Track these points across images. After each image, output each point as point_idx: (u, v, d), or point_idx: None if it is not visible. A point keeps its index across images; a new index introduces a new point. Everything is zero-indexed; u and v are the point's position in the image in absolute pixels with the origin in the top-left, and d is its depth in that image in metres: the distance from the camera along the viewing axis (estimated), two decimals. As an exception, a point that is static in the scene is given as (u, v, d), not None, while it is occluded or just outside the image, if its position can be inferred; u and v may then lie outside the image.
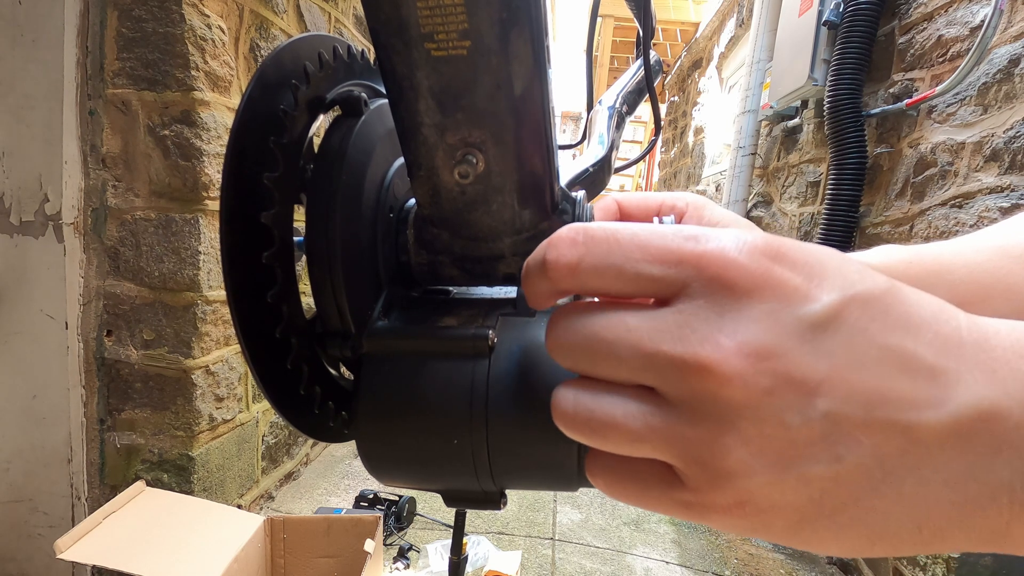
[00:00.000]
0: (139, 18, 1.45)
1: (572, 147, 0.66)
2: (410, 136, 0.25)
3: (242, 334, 0.25)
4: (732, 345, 0.16)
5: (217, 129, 1.57)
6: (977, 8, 1.57)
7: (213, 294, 1.63)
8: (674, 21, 6.57)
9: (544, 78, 0.23)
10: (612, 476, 0.19)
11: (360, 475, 2.29)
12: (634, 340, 0.17)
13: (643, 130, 9.65)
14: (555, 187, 0.28)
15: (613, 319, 0.18)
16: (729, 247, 0.17)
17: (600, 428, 0.18)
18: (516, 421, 0.24)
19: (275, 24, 1.84)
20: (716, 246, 0.17)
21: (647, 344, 0.17)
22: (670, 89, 6.37)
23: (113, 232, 1.54)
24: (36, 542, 1.61)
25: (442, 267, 0.30)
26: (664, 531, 2.12)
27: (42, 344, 1.52)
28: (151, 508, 1.28)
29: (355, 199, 0.28)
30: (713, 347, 0.16)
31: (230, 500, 1.82)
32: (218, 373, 1.71)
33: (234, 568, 1.22)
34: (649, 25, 0.59)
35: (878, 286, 0.17)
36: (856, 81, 1.97)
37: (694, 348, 0.16)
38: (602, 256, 0.18)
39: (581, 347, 0.18)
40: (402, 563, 1.74)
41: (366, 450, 0.26)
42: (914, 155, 1.80)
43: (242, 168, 0.25)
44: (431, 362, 0.25)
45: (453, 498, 0.28)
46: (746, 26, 3.54)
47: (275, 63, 0.27)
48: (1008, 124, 1.44)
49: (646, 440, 0.17)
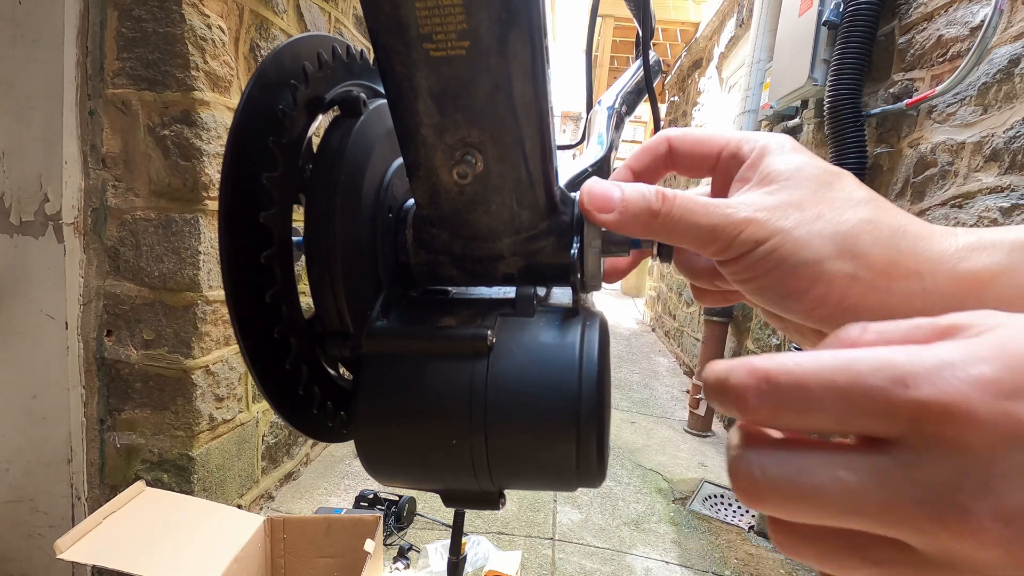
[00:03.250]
0: (139, 18, 1.45)
1: (571, 147, 0.66)
2: (409, 136, 0.25)
3: (241, 334, 0.25)
4: (988, 513, 0.14)
5: (217, 129, 1.57)
6: (977, 8, 1.57)
7: (213, 294, 1.63)
8: (674, 21, 6.57)
9: (543, 78, 0.23)
10: None
11: (360, 475, 2.29)
12: (857, 501, 0.15)
13: (643, 130, 9.64)
14: (554, 187, 0.28)
15: (825, 472, 0.15)
16: (955, 391, 0.14)
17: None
18: (515, 421, 0.24)
19: (275, 24, 1.84)
20: (937, 393, 0.14)
21: (875, 506, 0.15)
22: (670, 89, 6.37)
23: (113, 232, 1.54)
24: (36, 542, 1.61)
25: (441, 267, 0.30)
26: (664, 531, 2.12)
27: (42, 344, 1.52)
28: (151, 508, 1.28)
29: (354, 199, 0.28)
30: (964, 513, 0.14)
31: (230, 500, 1.82)
32: (218, 373, 1.71)
33: (234, 568, 1.22)
34: (649, 25, 0.59)
35: None
36: (856, 81, 1.97)
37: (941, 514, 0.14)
38: (796, 410, 0.16)
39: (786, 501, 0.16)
40: (402, 563, 1.74)
41: (365, 450, 0.26)
42: (914, 155, 1.80)
43: (241, 168, 0.25)
44: (430, 362, 0.25)
45: (452, 498, 0.28)
46: (746, 26, 3.54)
47: (274, 63, 0.27)
48: (1008, 124, 1.44)
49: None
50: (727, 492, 2.46)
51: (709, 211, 0.24)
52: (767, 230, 0.23)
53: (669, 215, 0.24)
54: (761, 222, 0.23)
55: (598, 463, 0.24)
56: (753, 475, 0.16)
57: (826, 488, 0.15)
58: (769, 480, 0.16)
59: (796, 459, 0.16)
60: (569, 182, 0.39)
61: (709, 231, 0.24)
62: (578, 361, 0.24)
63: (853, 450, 0.16)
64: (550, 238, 0.29)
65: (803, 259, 0.22)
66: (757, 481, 0.16)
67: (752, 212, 0.23)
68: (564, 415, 0.24)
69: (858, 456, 0.15)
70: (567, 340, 0.25)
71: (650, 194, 0.25)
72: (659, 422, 3.28)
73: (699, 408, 3.11)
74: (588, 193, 0.26)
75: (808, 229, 0.23)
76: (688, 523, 2.19)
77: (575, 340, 0.25)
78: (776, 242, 0.22)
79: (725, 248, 0.23)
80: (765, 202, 0.24)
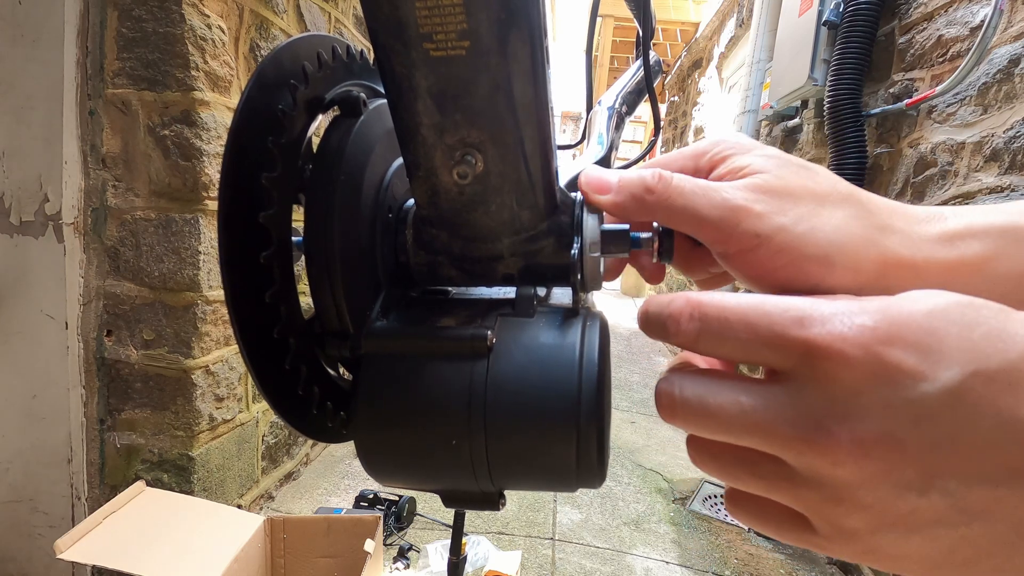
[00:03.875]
0: (139, 18, 1.45)
1: (572, 147, 0.66)
2: (409, 136, 0.25)
3: (240, 334, 0.25)
4: (846, 436, 0.16)
5: (217, 129, 1.57)
6: (977, 8, 1.57)
7: (213, 294, 1.63)
8: (674, 21, 6.58)
9: (543, 78, 0.23)
10: (751, 517, 0.21)
11: (360, 475, 2.29)
12: (748, 421, 0.18)
13: (643, 130, 9.64)
14: (554, 188, 0.28)
15: (727, 395, 0.19)
16: (837, 334, 0.17)
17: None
18: (515, 422, 0.24)
19: (275, 24, 1.84)
20: (822, 333, 0.17)
21: (761, 426, 0.18)
22: (670, 89, 6.37)
23: (113, 232, 1.54)
24: (36, 542, 1.61)
25: (441, 267, 0.30)
26: (664, 531, 2.12)
27: (42, 344, 1.51)
28: (151, 508, 1.28)
29: (354, 199, 0.28)
30: (826, 435, 0.16)
31: (230, 500, 1.82)
32: (218, 373, 1.71)
33: (234, 568, 1.22)
34: (649, 25, 0.59)
35: (1009, 355, 0.15)
36: (856, 81, 1.97)
37: (807, 434, 0.17)
38: (716, 335, 0.19)
39: (694, 416, 0.19)
40: (402, 563, 1.74)
41: (365, 451, 0.26)
42: (914, 155, 1.80)
43: (241, 168, 0.25)
44: (430, 362, 0.25)
45: (452, 498, 0.28)
46: (746, 26, 3.54)
47: (274, 63, 0.27)
48: (1008, 124, 1.44)
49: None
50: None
51: (708, 193, 0.23)
52: (767, 225, 0.22)
53: (666, 192, 0.24)
54: (759, 214, 0.22)
55: (598, 463, 0.24)
56: (672, 393, 0.20)
57: (724, 408, 0.18)
58: (682, 398, 0.20)
59: (708, 383, 0.19)
60: (569, 182, 0.39)
61: (706, 214, 0.23)
62: (578, 361, 0.24)
63: (757, 381, 0.19)
64: (550, 238, 0.29)
65: (808, 255, 0.22)
66: (674, 398, 0.20)
67: (746, 202, 0.23)
68: (564, 416, 0.24)
69: (758, 386, 0.19)
70: (567, 340, 0.25)
71: (646, 173, 0.25)
72: (659, 422, 3.27)
73: (699, 408, 3.10)
74: (585, 176, 0.26)
75: (810, 224, 0.22)
76: (688, 523, 2.19)
77: (575, 340, 0.25)
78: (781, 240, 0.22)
79: (725, 238, 0.23)
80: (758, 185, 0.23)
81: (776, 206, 0.23)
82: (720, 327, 0.19)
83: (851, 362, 0.16)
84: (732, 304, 0.19)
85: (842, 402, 0.16)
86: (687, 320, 0.20)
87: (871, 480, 0.16)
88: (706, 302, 0.19)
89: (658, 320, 0.21)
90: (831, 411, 0.17)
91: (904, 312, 0.17)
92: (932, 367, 0.16)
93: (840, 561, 1.98)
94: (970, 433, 0.15)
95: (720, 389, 0.19)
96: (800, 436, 0.17)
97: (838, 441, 0.16)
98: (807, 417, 0.17)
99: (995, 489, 0.15)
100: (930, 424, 0.16)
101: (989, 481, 0.15)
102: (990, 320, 0.16)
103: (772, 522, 0.20)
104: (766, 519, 0.20)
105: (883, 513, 0.17)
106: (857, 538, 0.17)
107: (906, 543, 0.17)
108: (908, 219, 0.23)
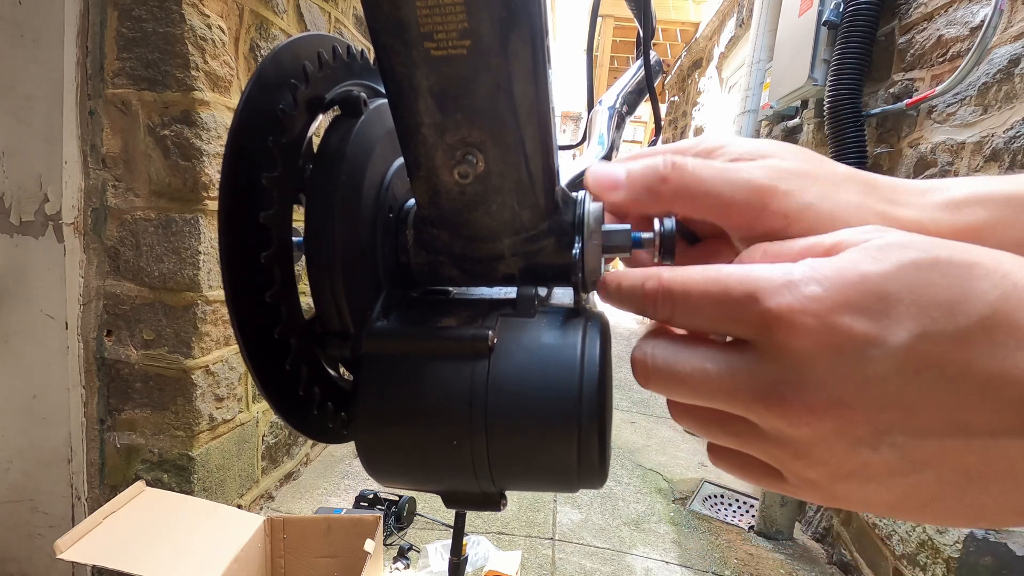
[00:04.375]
0: (139, 18, 1.45)
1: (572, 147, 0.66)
2: (409, 136, 0.25)
3: (241, 335, 0.25)
4: (799, 402, 0.17)
5: (217, 129, 1.57)
6: (977, 8, 1.57)
7: (213, 294, 1.63)
8: (674, 21, 6.58)
9: (544, 78, 0.23)
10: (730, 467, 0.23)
11: (360, 475, 2.29)
12: (713, 387, 0.19)
13: (643, 130, 9.64)
14: (555, 187, 0.28)
15: (695, 362, 0.20)
16: (787, 305, 0.17)
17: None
18: (516, 422, 0.24)
19: (275, 24, 1.84)
20: (774, 306, 0.17)
21: (726, 391, 0.19)
22: (670, 89, 6.37)
23: (113, 232, 1.54)
24: (36, 542, 1.61)
25: (441, 267, 0.30)
26: (664, 531, 2.12)
27: (42, 344, 1.51)
28: (151, 508, 1.28)
29: (354, 199, 0.28)
30: (781, 401, 0.18)
31: (230, 500, 1.82)
32: (218, 373, 1.71)
33: (234, 568, 1.22)
34: (649, 25, 0.59)
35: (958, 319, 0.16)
36: (856, 81, 1.97)
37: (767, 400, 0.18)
38: (685, 312, 0.20)
39: (665, 383, 0.21)
40: (402, 563, 1.74)
41: (365, 451, 0.26)
42: (914, 155, 1.80)
43: (241, 168, 0.25)
44: (431, 363, 0.25)
45: (452, 499, 0.28)
46: (746, 26, 3.54)
47: (274, 63, 0.27)
48: (1008, 124, 1.44)
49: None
50: (727, 492, 2.46)
51: (728, 175, 0.22)
52: (796, 203, 0.22)
53: (681, 180, 0.23)
54: (786, 192, 0.22)
55: (599, 464, 0.24)
56: (645, 360, 0.21)
57: (692, 376, 0.20)
58: (654, 366, 0.21)
59: (678, 351, 0.20)
60: (570, 182, 0.39)
61: (730, 196, 0.22)
62: (579, 362, 0.24)
63: (722, 347, 0.20)
64: (551, 238, 0.28)
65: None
66: (646, 365, 0.21)
67: (770, 180, 0.22)
68: (565, 416, 0.24)
69: (723, 352, 0.19)
70: (568, 341, 0.25)
71: (656, 161, 0.24)
72: (659, 422, 3.28)
73: (699, 408, 3.11)
74: (592, 175, 0.26)
75: (834, 201, 0.22)
76: (688, 523, 2.19)
77: (576, 341, 0.25)
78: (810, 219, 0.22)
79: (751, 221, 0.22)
80: (775, 165, 0.23)
81: (799, 184, 0.22)
82: (687, 305, 0.20)
83: (803, 332, 0.17)
84: (695, 280, 0.20)
85: (796, 370, 0.17)
86: (661, 301, 0.21)
87: (825, 439, 0.17)
88: (672, 283, 0.20)
89: (632, 299, 0.22)
90: (786, 379, 0.18)
91: (859, 274, 0.17)
92: (881, 330, 0.16)
93: (840, 560, 1.98)
94: (915, 392, 0.16)
95: (688, 357, 0.20)
96: (760, 401, 0.18)
97: (792, 406, 0.17)
98: (766, 383, 0.18)
99: (941, 441, 0.16)
100: (879, 385, 0.16)
101: (935, 434, 0.16)
102: (949, 280, 0.16)
103: (749, 471, 0.22)
104: (744, 469, 0.22)
105: (839, 466, 0.18)
106: (819, 487, 0.19)
107: (863, 490, 0.18)
108: (912, 191, 0.24)
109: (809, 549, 2.09)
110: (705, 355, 0.20)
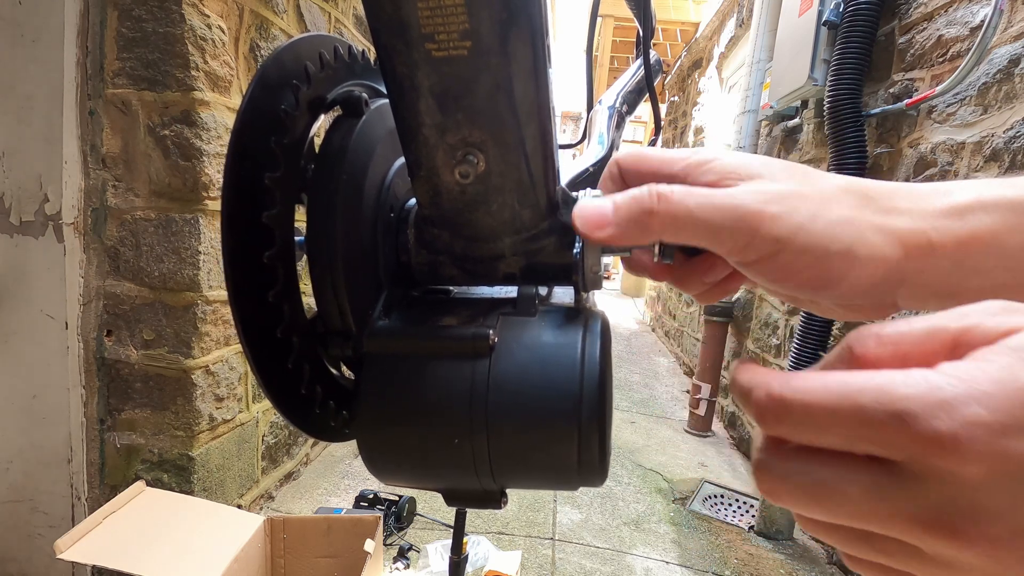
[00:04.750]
0: (139, 18, 1.45)
1: (572, 147, 0.66)
2: (411, 136, 0.25)
3: (243, 334, 0.25)
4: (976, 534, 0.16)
5: (217, 129, 1.57)
6: (977, 8, 1.57)
7: (213, 294, 1.63)
8: (674, 21, 6.57)
9: (544, 78, 0.23)
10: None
11: (360, 475, 2.29)
12: (864, 510, 0.17)
13: (643, 130, 9.64)
14: (555, 187, 0.28)
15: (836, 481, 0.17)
16: (950, 432, 0.15)
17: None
18: (517, 421, 0.24)
19: (275, 24, 1.84)
20: (936, 432, 0.15)
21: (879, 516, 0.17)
22: (670, 89, 6.37)
23: (113, 232, 1.54)
24: (36, 542, 1.61)
25: (442, 267, 0.30)
26: (664, 531, 2.12)
27: (42, 344, 1.51)
28: (151, 508, 1.28)
29: (356, 199, 0.28)
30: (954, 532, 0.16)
31: (230, 500, 1.82)
32: (218, 373, 1.71)
33: (234, 568, 1.22)
34: (649, 25, 0.59)
35: None
36: (856, 81, 1.97)
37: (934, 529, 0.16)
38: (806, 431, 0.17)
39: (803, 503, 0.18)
40: (402, 563, 1.74)
41: (367, 449, 0.26)
42: (914, 155, 1.80)
43: (243, 168, 0.25)
44: (432, 362, 0.26)
45: (453, 497, 0.28)
46: (746, 26, 3.54)
47: (276, 63, 0.27)
48: (1008, 124, 1.44)
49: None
50: (727, 492, 2.46)
51: (715, 202, 0.22)
52: (786, 226, 0.21)
53: (668, 211, 0.23)
54: (774, 216, 0.21)
55: (600, 462, 0.24)
56: (775, 480, 0.18)
57: (836, 499, 0.17)
58: (788, 486, 0.18)
59: (811, 469, 0.18)
60: (570, 182, 0.39)
61: (720, 224, 0.22)
62: (580, 361, 0.24)
63: (863, 464, 0.17)
64: (551, 237, 0.29)
65: (832, 251, 0.22)
66: (778, 486, 0.18)
67: (758, 204, 0.22)
68: (566, 415, 0.24)
69: (868, 473, 0.17)
70: (569, 340, 0.25)
71: (642, 194, 0.23)
72: (659, 422, 3.28)
73: (699, 408, 3.11)
74: (579, 215, 0.24)
75: (826, 220, 0.22)
76: (688, 523, 2.19)
77: (577, 340, 0.25)
78: (802, 241, 0.21)
79: (743, 247, 0.22)
80: (765, 189, 0.22)
81: (788, 205, 0.22)
82: (810, 424, 0.17)
83: (972, 459, 0.15)
84: (818, 396, 0.17)
85: (968, 500, 0.16)
86: (772, 418, 0.18)
87: (1009, 567, 0.16)
88: (790, 398, 0.17)
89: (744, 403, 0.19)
90: (957, 509, 0.16)
91: (1018, 390, 0.15)
92: None
93: (840, 561, 1.98)
94: None
95: (826, 476, 0.17)
96: (927, 530, 0.16)
97: (969, 536, 0.16)
98: (931, 511, 0.16)
99: None
100: None
101: None
102: None
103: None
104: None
105: None
106: None
107: None
108: (912, 197, 0.23)
109: (809, 549, 2.09)
110: (846, 475, 0.17)
